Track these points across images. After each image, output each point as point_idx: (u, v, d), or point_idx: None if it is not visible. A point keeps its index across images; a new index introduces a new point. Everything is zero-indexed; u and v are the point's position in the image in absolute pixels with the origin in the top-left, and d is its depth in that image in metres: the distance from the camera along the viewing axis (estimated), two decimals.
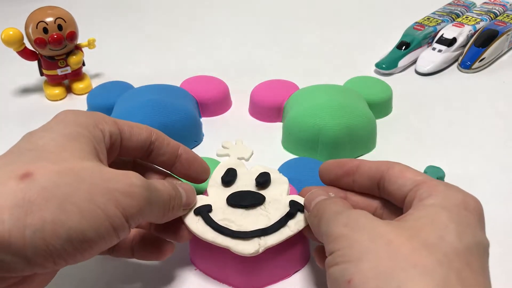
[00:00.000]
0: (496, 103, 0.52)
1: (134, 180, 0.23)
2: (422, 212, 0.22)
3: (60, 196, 0.20)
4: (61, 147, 0.22)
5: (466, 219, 0.22)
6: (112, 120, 0.27)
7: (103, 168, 0.23)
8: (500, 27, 0.60)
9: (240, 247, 0.28)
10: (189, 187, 0.29)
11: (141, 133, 0.28)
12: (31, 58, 0.53)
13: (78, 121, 0.25)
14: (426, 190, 0.24)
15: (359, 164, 0.28)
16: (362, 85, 0.49)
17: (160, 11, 0.83)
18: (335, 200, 0.26)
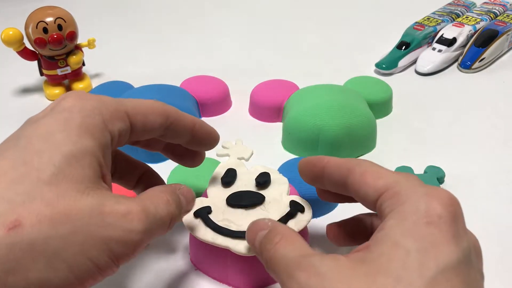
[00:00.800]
0: (496, 103, 0.52)
1: (135, 224, 0.21)
2: (378, 248, 0.20)
3: (50, 253, 0.18)
4: (59, 175, 0.20)
5: (428, 240, 0.19)
6: (123, 113, 0.24)
7: (103, 207, 0.20)
8: (500, 27, 0.60)
9: (240, 247, 0.28)
10: (190, 194, 0.27)
11: (156, 120, 0.25)
12: (31, 58, 0.53)
13: (85, 124, 0.22)
14: (388, 203, 0.21)
15: (324, 167, 0.25)
16: (362, 85, 0.49)
17: (160, 11, 0.83)
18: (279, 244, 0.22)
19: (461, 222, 0.21)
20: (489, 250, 0.33)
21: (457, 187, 0.39)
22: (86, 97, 0.23)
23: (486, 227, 0.35)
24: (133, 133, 0.25)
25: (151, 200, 0.23)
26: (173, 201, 0.24)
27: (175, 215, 0.24)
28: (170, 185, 0.26)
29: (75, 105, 0.22)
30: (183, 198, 0.26)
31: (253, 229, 0.25)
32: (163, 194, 0.24)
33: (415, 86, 0.56)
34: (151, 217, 0.22)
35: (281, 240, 0.23)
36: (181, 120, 0.27)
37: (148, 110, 0.25)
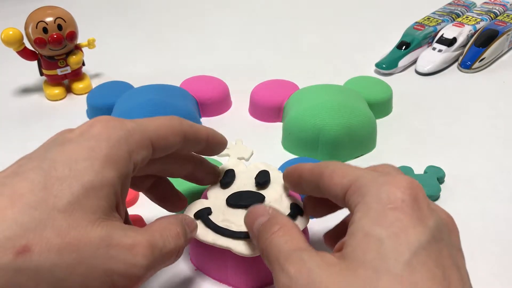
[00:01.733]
0: (496, 103, 0.52)
1: (139, 259, 0.21)
2: (352, 241, 0.20)
3: (54, 280, 0.19)
4: (75, 205, 0.20)
5: (395, 225, 0.20)
6: (148, 141, 0.24)
7: (110, 240, 0.21)
8: (500, 27, 0.60)
9: (241, 248, 0.28)
10: (193, 224, 0.27)
11: (175, 140, 0.26)
12: (31, 58, 0.53)
13: (110, 155, 0.22)
14: (353, 198, 0.22)
15: (299, 174, 0.27)
16: (362, 85, 0.49)
17: (160, 11, 0.83)
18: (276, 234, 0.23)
19: (424, 203, 0.21)
20: (489, 250, 0.33)
21: (457, 187, 0.39)
22: (114, 125, 0.23)
23: (486, 227, 0.35)
24: (154, 155, 0.25)
25: (161, 233, 0.23)
26: (183, 234, 0.25)
27: (182, 247, 0.25)
28: (177, 216, 0.26)
29: (102, 133, 0.23)
30: (188, 228, 0.26)
31: (253, 214, 0.25)
32: (173, 226, 0.24)
33: (415, 86, 0.56)
34: (157, 251, 0.22)
35: (279, 230, 0.23)
36: (196, 134, 0.28)
37: (168, 131, 0.26)
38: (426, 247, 0.19)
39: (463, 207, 0.37)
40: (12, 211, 0.19)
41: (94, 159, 0.21)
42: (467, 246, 0.34)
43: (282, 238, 0.23)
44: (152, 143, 0.25)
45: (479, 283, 0.31)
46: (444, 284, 0.19)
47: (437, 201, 0.38)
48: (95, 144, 0.22)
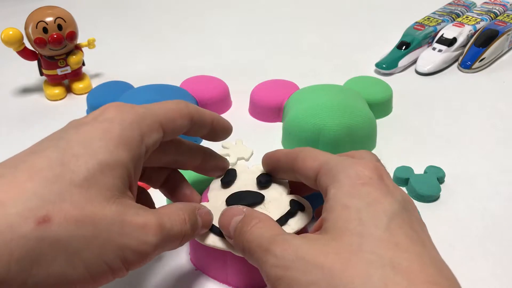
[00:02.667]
0: (496, 103, 0.52)
1: (150, 237, 0.22)
2: (333, 213, 0.22)
3: (71, 250, 0.20)
4: (91, 181, 0.21)
5: (369, 197, 0.22)
6: (158, 125, 0.25)
7: (124, 216, 0.22)
8: (500, 27, 0.60)
9: None
10: (207, 214, 0.28)
11: (183, 123, 0.27)
12: (31, 58, 0.53)
13: (123, 136, 0.23)
14: (324, 179, 0.24)
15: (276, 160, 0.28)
16: (362, 85, 0.49)
17: (160, 11, 0.83)
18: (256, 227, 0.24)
19: (389, 181, 0.23)
20: (489, 250, 0.33)
21: (457, 187, 0.39)
22: (126, 109, 0.24)
23: (486, 227, 0.35)
24: (164, 138, 0.26)
25: (169, 216, 0.24)
26: (189, 220, 0.25)
27: (188, 234, 0.25)
28: (190, 204, 0.27)
29: (116, 117, 0.24)
30: (200, 219, 0.27)
31: (228, 215, 0.26)
32: (181, 212, 0.25)
33: (415, 86, 0.56)
34: (165, 232, 0.23)
35: (258, 223, 0.24)
36: (202, 117, 0.29)
37: (176, 114, 0.27)
38: (399, 214, 0.22)
39: (463, 207, 0.37)
40: (32, 184, 0.20)
41: (108, 139, 0.22)
42: (467, 246, 0.34)
43: (262, 229, 0.24)
44: (162, 126, 0.25)
45: (479, 283, 0.31)
46: (419, 243, 0.21)
47: (437, 201, 0.38)
48: (109, 126, 0.23)
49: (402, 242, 0.20)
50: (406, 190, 0.39)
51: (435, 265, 0.20)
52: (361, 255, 0.20)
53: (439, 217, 0.36)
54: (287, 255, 0.21)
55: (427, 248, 0.21)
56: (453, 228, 0.35)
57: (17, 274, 0.19)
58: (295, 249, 0.21)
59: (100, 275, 0.21)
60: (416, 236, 0.21)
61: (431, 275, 0.20)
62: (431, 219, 0.35)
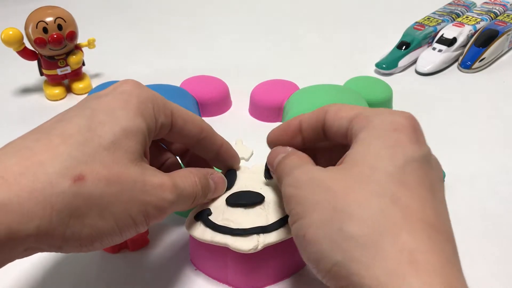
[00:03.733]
0: (496, 103, 0.52)
1: (167, 194, 0.25)
2: (355, 149, 0.23)
3: (103, 205, 0.22)
4: (116, 144, 0.23)
5: (395, 140, 0.22)
6: (169, 110, 0.27)
7: (145, 177, 0.24)
8: (500, 27, 0.60)
9: (238, 244, 0.28)
10: (221, 179, 0.30)
11: (192, 129, 0.29)
12: (31, 58, 0.53)
13: (141, 108, 0.25)
14: (358, 124, 0.24)
15: (300, 120, 0.28)
16: (362, 85, 0.49)
17: (160, 11, 0.83)
18: (288, 158, 0.26)
19: (421, 133, 0.24)
20: (489, 250, 0.33)
21: (457, 187, 0.39)
22: (142, 86, 0.27)
23: (486, 227, 0.35)
24: (171, 132, 0.28)
25: (181, 178, 0.27)
26: (200, 183, 0.28)
27: (199, 196, 0.28)
28: (203, 169, 0.29)
29: (133, 91, 0.26)
30: (213, 183, 0.29)
31: (274, 152, 0.28)
32: (192, 175, 0.28)
33: (415, 86, 0.56)
34: (179, 191, 0.26)
35: (295, 157, 0.26)
36: (213, 137, 0.30)
37: (188, 118, 0.28)
38: (419, 161, 0.22)
39: (463, 207, 0.37)
40: (65, 147, 0.22)
41: (129, 109, 0.25)
42: (467, 246, 0.34)
43: (294, 160, 0.26)
44: (172, 116, 0.27)
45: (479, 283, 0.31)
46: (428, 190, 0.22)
47: None
48: (128, 97, 0.25)
49: (410, 183, 0.21)
50: None
51: (435, 210, 0.21)
52: (366, 184, 0.21)
53: None
54: (301, 177, 0.24)
55: (435, 198, 0.22)
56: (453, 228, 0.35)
57: (57, 226, 0.21)
58: (310, 173, 0.24)
59: (126, 228, 0.24)
60: (428, 184, 0.22)
61: (428, 216, 0.20)
62: None
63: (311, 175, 0.23)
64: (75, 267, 0.33)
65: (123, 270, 0.32)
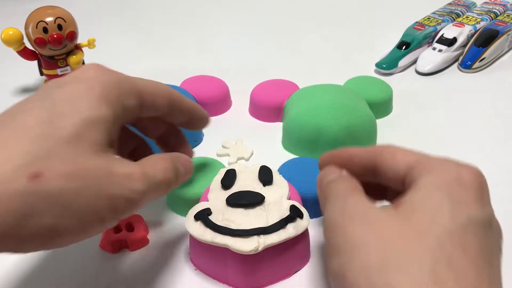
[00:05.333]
0: (496, 103, 0.52)
1: (137, 184, 0.24)
2: (414, 196, 0.22)
3: (64, 203, 0.21)
4: (78, 136, 0.22)
5: (460, 196, 0.21)
6: (137, 91, 0.26)
7: (111, 168, 0.23)
8: (500, 27, 0.60)
9: (239, 245, 0.28)
10: (188, 163, 0.29)
11: (162, 100, 0.28)
12: (31, 58, 0.53)
13: (105, 94, 0.24)
14: (419, 170, 0.23)
15: (351, 155, 0.27)
16: (362, 85, 0.49)
17: (160, 11, 0.83)
18: (341, 182, 0.25)
19: (487, 193, 0.22)
20: None
21: None
22: (106, 71, 0.26)
23: None
24: (141, 109, 0.27)
25: (151, 165, 0.25)
26: (172, 168, 0.27)
27: (172, 181, 0.27)
28: (170, 154, 0.28)
29: (96, 77, 0.25)
30: (182, 167, 0.28)
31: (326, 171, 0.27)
32: (162, 161, 0.27)
33: (415, 86, 0.56)
34: (149, 180, 0.25)
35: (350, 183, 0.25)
36: (182, 101, 0.30)
37: (156, 90, 0.28)
38: (481, 224, 0.20)
39: None
40: (23, 142, 0.21)
41: (91, 97, 0.23)
42: None
43: (350, 187, 0.25)
44: (140, 95, 0.26)
45: None
46: (486, 260, 0.20)
47: None
48: (90, 84, 0.24)
49: (470, 247, 0.20)
50: None
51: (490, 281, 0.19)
52: (423, 237, 0.20)
53: None
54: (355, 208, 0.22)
55: (492, 267, 0.20)
56: None
57: (12, 227, 0.20)
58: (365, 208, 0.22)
59: (91, 225, 0.22)
60: (487, 251, 0.20)
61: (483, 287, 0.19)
62: None
63: (366, 211, 0.22)
64: (75, 267, 0.33)
65: (123, 270, 0.32)
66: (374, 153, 0.26)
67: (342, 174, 0.26)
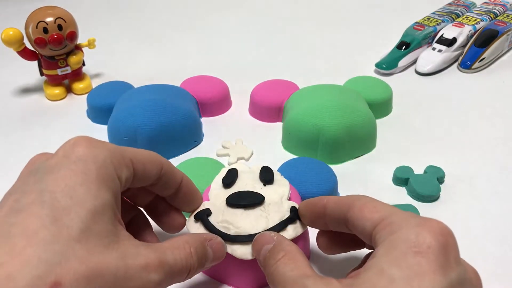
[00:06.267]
0: (496, 103, 0.52)
1: (153, 276, 0.23)
2: (371, 270, 0.21)
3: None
4: (87, 232, 0.21)
5: (415, 268, 0.20)
6: (129, 160, 0.25)
7: (126, 261, 0.22)
8: (500, 27, 0.60)
9: (240, 252, 0.28)
10: (220, 245, 0.27)
11: (153, 169, 0.26)
12: (31, 58, 0.53)
13: (101, 175, 0.22)
14: (380, 235, 0.22)
15: (325, 205, 0.26)
16: (362, 85, 0.49)
17: (160, 11, 0.83)
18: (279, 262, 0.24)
19: (452, 253, 0.21)
20: (489, 250, 0.33)
21: (457, 187, 0.39)
22: (95, 145, 0.24)
23: (486, 227, 0.35)
24: (134, 179, 0.26)
25: (173, 250, 0.24)
26: (196, 253, 0.25)
27: (194, 268, 0.25)
28: (200, 235, 0.27)
29: (88, 155, 0.23)
30: (211, 251, 0.26)
31: (259, 242, 0.26)
32: (187, 245, 0.25)
33: (415, 86, 0.56)
34: (167, 268, 0.23)
35: (283, 257, 0.24)
36: (172, 171, 0.28)
37: (146, 159, 0.26)
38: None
39: (463, 207, 0.37)
40: (33, 249, 0.19)
41: (89, 183, 0.22)
42: (467, 246, 0.34)
43: (287, 266, 0.24)
44: (132, 164, 0.25)
45: None
46: None
47: (437, 201, 0.38)
48: (84, 166, 0.22)
49: None
50: (406, 190, 0.39)
51: None
52: None
53: (439, 217, 0.36)
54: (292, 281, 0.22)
55: None
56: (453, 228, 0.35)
57: None
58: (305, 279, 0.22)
59: None
60: None
61: None
62: None
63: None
64: None
65: None
66: (345, 207, 0.25)
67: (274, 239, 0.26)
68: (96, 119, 0.50)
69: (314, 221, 0.28)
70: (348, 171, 0.41)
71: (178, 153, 0.44)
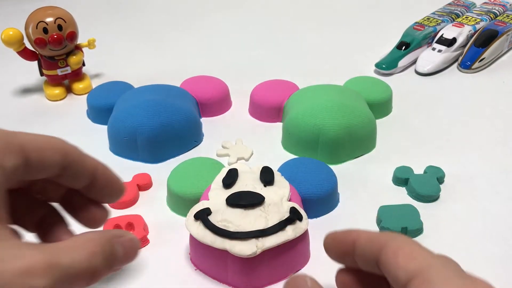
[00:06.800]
0: (496, 103, 0.52)
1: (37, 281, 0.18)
2: None
3: None
4: None
5: None
6: (17, 147, 0.21)
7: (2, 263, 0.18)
8: (500, 27, 0.60)
9: (238, 249, 0.28)
10: (131, 242, 0.23)
11: (53, 157, 0.22)
12: (31, 58, 0.53)
13: None
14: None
15: (355, 241, 0.23)
16: (362, 85, 0.49)
17: (160, 11, 0.83)
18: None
19: None
20: (489, 250, 0.33)
21: (457, 187, 0.39)
22: None
23: (486, 227, 0.35)
24: (28, 170, 0.22)
25: (69, 250, 0.20)
26: (102, 252, 0.21)
27: (99, 269, 0.21)
28: (109, 231, 0.22)
29: None
30: (122, 249, 0.22)
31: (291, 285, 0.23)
32: (90, 243, 0.21)
33: (415, 86, 0.56)
34: (60, 271, 0.19)
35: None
36: (81, 161, 0.23)
37: (45, 145, 0.22)
38: None
39: (463, 207, 0.37)
40: None
41: None
42: (467, 246, 0.34)
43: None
44: (24, 151, 0.21)
45: None
46: None
47: (437, 201, 0.38)
48: None
49: None
50: (406, 190, 0.39)
51: None
52: None
53: (439, 217, 0.36)
54: None
55: None
56: (453, 228, 0.35)
57: None
58: None
59: None
60: None
61: None
62: (431, 219, 0.35)
63: None
64: None
65: (123, 270, 0.32)
66: (378, 246, 0.22)
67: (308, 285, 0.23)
68: (96, 119, 0.50)
69: (341, 257, 0.25)
70: (348, 171, 0.41)
71: (178, 153, 0.44)
